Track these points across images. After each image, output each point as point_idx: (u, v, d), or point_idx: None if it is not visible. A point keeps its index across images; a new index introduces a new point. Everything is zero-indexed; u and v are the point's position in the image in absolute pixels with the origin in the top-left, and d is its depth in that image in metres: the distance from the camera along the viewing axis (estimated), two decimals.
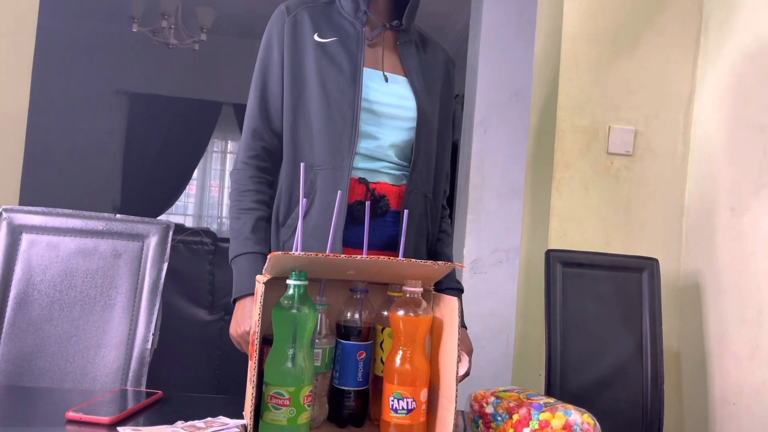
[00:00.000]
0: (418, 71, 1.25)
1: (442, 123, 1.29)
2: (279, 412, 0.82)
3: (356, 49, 1.20)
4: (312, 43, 1.20)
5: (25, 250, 1.19)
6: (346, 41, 1.21)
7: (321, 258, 0.85)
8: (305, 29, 1.21)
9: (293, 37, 1.21)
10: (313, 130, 1.17)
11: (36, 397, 1.06)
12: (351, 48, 1.20)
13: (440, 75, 1.30)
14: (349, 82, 1.17)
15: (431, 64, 1.29)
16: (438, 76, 1.29)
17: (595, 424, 0.87)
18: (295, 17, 1.22)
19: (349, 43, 1.21)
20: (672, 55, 1.99)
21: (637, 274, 1.64)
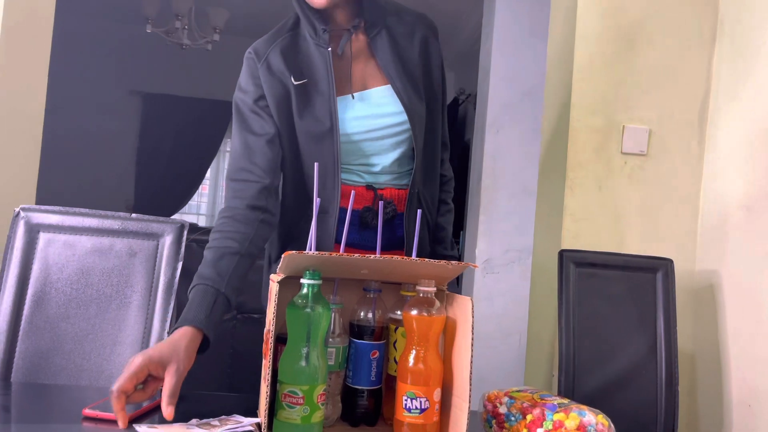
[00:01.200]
0: (398, 69, 1.20)
1: (432, 104, 1.26)
2: (293, 411, 0.83)
3: (328, 87, 1.16)
4: (291, 88, 1.16)
5: (42, 248, 1.20)
6: (317, 78, 1.17)
7: (335, 257, 0.85)
8: (281, 69, 1.17)
9: (271, 85, 1.17)
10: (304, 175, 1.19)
11: (53, 394, 1.07)
12: (322, 87, 1.16)
13: (421, 57, 1.24)
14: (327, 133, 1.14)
15: (410, 51, 1.23)
16: (419, 60, 1.24)
17: (610, 425, 0.86)
18: (267, 62, 1.18)
19: (319, 80, 1.17)
20: (687, 54, 1.97)
21: (652, 274, 1.63)
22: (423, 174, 1.23)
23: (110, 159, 5.19)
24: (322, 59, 1.17)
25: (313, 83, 1.17)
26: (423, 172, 1.23)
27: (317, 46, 1.18)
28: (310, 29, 1.18)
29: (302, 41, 1.20)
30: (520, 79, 2.43)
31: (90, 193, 4.83)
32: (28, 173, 2.20)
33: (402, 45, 1.23)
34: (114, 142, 5.21)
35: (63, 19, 2.40)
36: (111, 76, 5.15)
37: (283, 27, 1.23)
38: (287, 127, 1.18)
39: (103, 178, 5.09)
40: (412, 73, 1.22)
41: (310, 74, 1.17)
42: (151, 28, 3.96)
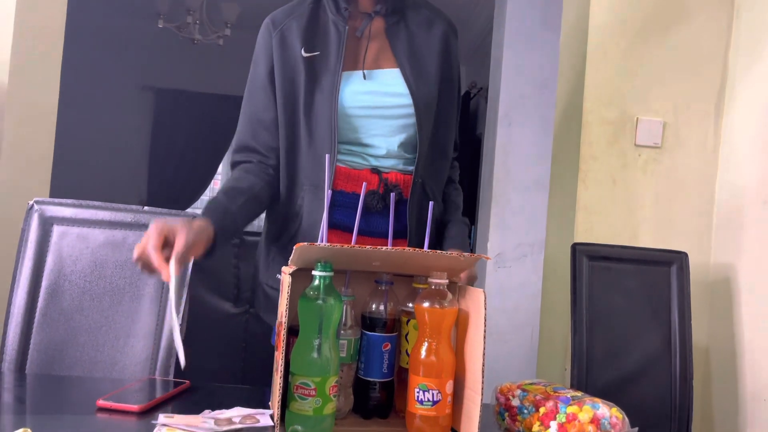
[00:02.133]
0: (411, 56, 1.22)
1: (445, 100, 1.26)
2: (305, 402, 0.83)
3: (336, 61, 1.18)
4: (301, 60, 1.19)
5: (56, 241, 1.21)
6: (328, 52, 1.19)
7: (346, 249, 0.85)
8: (293, 44, 1.20)
9: (281, 55, 1.20)
10: (301, 149, 1.19)
11: (67, 386, 1.08)
12: (331, 61, 1.19)
13: (437, 51, 1.25)
14: (326, 102, 1.16)
15: (426, 43, 1.25)
16: (434, 53, 1.25)
17: (624, 418, 0.86)
18: (282, 32, 1.21)
19: (330, 53, 1.19)
20: (702, 44, 1.94)
21: (666, 268, 1.62)
22: (428, 163, 1.22)
23: (123, 154, 5.22)
24: (337, 35, 1.20)
25: (323, 57, 1.19)
26: (428, 160, 1.22)
27: (335, 22, 1.21)
28: (332, 5, 1.21)
29: (322, 14, 1.23)
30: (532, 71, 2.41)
31: (103, 188, 4.85)
32: (42, 167, 2.22)
33: (418, 35, 1.25)
34: (127, 137, 5.24)
35: (75, 16, 2.42)
36: (123, 72, 5.17)
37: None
38: (291, 102, 1.19)
39: (116, 173, 5.12)
40: (424, 62, 1.23)
41: (323, 48, 1.20)
42: (162, 23, 3.98)
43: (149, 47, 5.08)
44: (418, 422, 0.88)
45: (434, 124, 1.24)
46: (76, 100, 4.18)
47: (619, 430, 0.84)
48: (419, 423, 0.88)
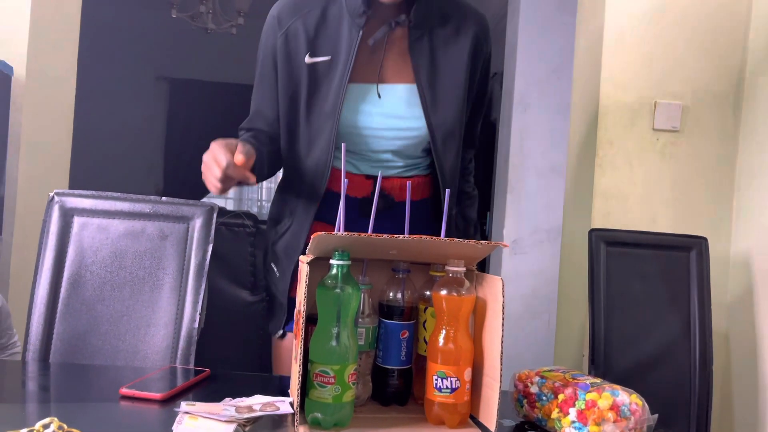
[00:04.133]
0: (433, 76, 1.13)
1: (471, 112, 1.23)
2: (324, 390, 0.83)
3: (344, 70, 1.10)
4: (304, 67, 1.12)
5: (77, 232, 1.22)
6: (337, 58, 1.11)
7: (364, 238, 0.85)
8: (298, 47, 1.12)
9: (285, 59, 1.14)
10: (300, 155, 1.18)
11: (90, 374, 1.10)
12: (338, 69, 1.10)
13: (465, 67, 1.16)
14: (327, 116, 1.12)
15: (453, 58, 1.15)
16: (462, 71, 1.16)
17: (644, 405, 0.85)
18: (287, 34, 1.13)
19: (338, 61, 1.11)
20: (721, 26, 1.91)
21: (685, 253, 1.60)
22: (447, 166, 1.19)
23: (139, 144, 5.26)
24: (349, 40, 1.11)
25: (331, 64, 1.12)
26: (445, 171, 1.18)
27: (350, 26, 1.11)
28: (350, 4, 1.11)
29: (336, 11, 1.13)
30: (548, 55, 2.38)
31: (120, 178, 4.91)
32: (61, 159, 2.24)
33: (445, 50, 1.15)
34: (143, 128, 5.28)
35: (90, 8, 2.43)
36: (138, 63, 5.20)
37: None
38: (293, 109, 1.17)
39: (132, 164, 5.17)
40: (449, 83, 1.15)
41: (333, 51, 1.12)
42: (176, 13, 3.98)
43: (163, 38, 5.10)
44: (436, 409, 0.88)
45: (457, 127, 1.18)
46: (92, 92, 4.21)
47: (639, 416, 0.84)
48: (438, 410, 0.88)
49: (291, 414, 0.85)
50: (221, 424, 0.78)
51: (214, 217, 1.26)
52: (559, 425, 0.88)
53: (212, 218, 1.26)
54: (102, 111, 4.92)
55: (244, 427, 0.80)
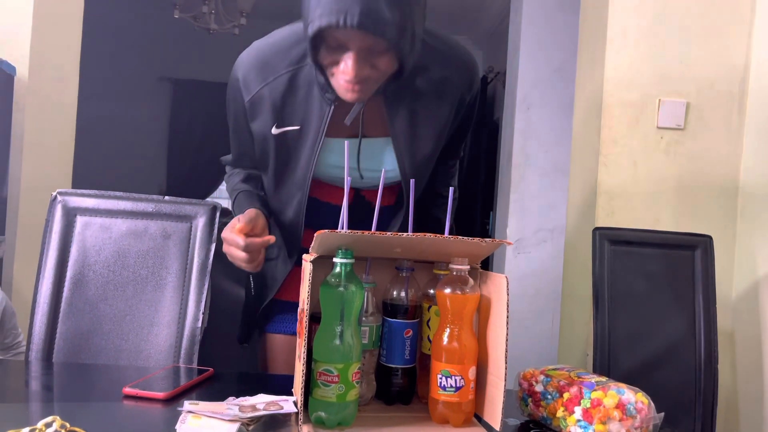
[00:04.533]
0: (410, 128, 1.08)
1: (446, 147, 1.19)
2: (328, 389, 0.83)
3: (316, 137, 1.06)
4: (271, 137, 1.09)
5: (79, 231, 1.22)
6: (308, 126, 1.06)
7: (367, 236, 0.84)
8: (265, 117, 1.08)
9: (254, 122, 1.10)
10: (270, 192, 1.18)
11: (94, 374, 1.10)
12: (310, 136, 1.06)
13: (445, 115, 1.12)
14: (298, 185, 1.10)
15: (432, 109, 1.10)
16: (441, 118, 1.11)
17: (650, 403, 0.85)
18: (252, 101, 1.08)
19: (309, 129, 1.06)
20: (726, 22, 1.90)
21: (690, 251, 1.59)
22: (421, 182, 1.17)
23: (142, 144, 5.27)
24: (320, 113, 1.06)
25: (300, 131, 1.08)
26: None
27: (321, 97, 1.06)
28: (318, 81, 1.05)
29: (305, 77, 1.06)
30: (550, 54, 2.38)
31: (123, 178, 4.91)
32: (64, 159, 2.24)
33: (423, 103, 1.10)
34: (146, 128, 5.29)
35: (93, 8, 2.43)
36: (141, 63, 5.21)
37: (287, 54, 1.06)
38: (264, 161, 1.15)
39: (135, 164, 5.17)
40: (425, 131, 1.11)
41: (302, 121, 1.07)
42: (178, 13, 3.98)
43: (166, 38, 5.11)
44: (441, 408, 0.88)
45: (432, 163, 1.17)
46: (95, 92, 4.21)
47: (645, 415, 0.84)
48: (442, 409, 0.88)
49: (294, 413, 0.85)
50: (224, 423, 0.78)
51: (216, 216, 1.25)
52: (565, 424, 0.87)
53: (215, 217, 1.25)
54: (105, 111, 4.93)
55: (247, 427, 0.80)
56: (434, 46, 1.08)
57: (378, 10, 0.88)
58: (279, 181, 1.14)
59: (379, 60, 0.96)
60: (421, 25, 0.97)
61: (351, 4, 0.87)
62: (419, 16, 0.95)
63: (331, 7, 0.88)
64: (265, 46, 1.09)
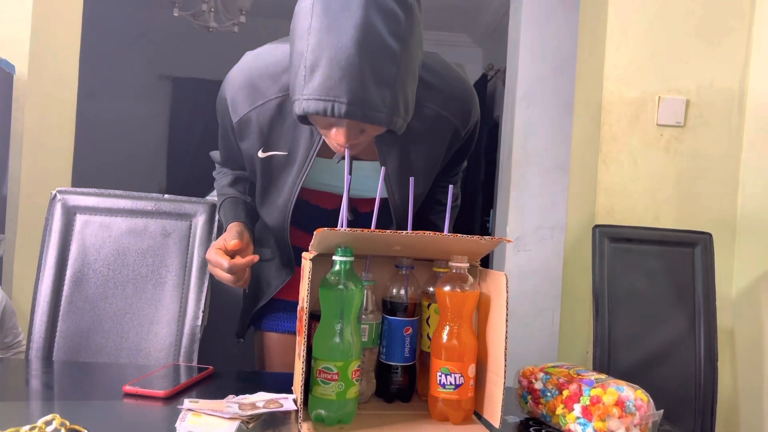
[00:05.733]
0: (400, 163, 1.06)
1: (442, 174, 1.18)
2: (328, 387, 0.83)
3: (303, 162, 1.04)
4: (257, 159, 1.07)
5: (79, 230, 1.22)
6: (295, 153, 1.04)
7: (366, 234, 0.84)
8: (251, 140, 1.06)
9: (241, 142, 1.08)
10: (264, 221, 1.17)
11: (94, 372, 1.10)
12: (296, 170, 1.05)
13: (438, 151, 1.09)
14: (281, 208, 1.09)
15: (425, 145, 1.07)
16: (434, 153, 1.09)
17: (649, 401, 0.85)
18: (240, 123, 1.05)
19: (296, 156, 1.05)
20: (726, 19, 1.90)
21: (690, 249, 1.59)
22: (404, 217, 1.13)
23: (142, 142, 5.27)
24: (309, 142, 1.04)
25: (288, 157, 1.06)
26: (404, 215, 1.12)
27: (310, 127, 1.03)
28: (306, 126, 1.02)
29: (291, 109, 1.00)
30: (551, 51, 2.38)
31: (123, 176, 4.91)
32: (63, 157, 2.24)
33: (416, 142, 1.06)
34: (145, 126, 5.29)
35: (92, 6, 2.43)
36: (140, 61, 5.20)
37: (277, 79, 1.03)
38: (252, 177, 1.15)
39: (135, 163, 5.17)
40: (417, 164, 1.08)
41: (290, 147, 1.05)
42: (178, 11, 3.98)
43: (165, 36, 5.10)
44: (440, 406, 0.88)
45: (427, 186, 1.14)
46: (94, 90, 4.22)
47: (645, 412, 0.84)
48: (442, 406, 0.88)
49: (294, 411, 0.85)
50: (224, 421, 0.78)
51: (216, 214, 1.25)
52: (564, 421, 0.87)
53: (215, 215, 1.25)
54: (104, 109, 4.93)
55: (247, 424, 0.80)
56: (429, 81, 1.03)
57: (366, 97, 0.84)
58: (264, 198, 1.12)
59: (370, 128, 0.93)
60: (413, 88, 0.93)
61: (338, 92, 0.84)
62: (411, 82, 0.91)
63: (319, 94, 0.85)
64: (255, 68, 1.06)
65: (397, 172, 1.07)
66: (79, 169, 2.41)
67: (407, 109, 0.92)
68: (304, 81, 0.86)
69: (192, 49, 5.13)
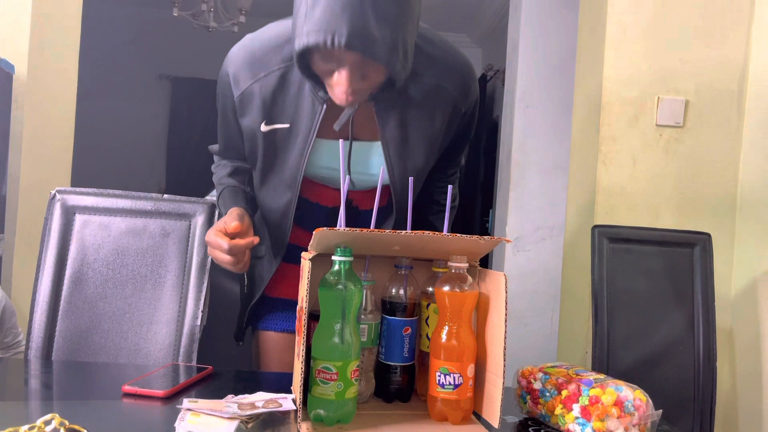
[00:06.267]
0: (401, 137, 1.07)
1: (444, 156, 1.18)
2: (327, 387, 0.83)
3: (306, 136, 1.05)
4: (259, 134, 1.07)
5: (78, 230, 1.22)
6: (298, 125, 1.05)
7: (366, 234, 0.84)
8: (253, 114, 1.07)
9: (243, 118, 1.09)
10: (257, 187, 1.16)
11: (93, 372, 1.10)
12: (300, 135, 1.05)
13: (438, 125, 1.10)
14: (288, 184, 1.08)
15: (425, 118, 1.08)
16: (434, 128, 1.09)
17: (648, 401, 0.85)
18: (242, 98, 1.07)
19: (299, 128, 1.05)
20: (725, 20, 1.90)
21: (689, 249, 1.59)
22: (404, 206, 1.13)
23: (141, 142, 5.27)
24: (311, 113, 1.05)
25: (290, 130, 1.07)
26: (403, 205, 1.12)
27: (313, 96, 1.04)
28: (309, 82, 1.03)
29: (296, 76, 1.04)
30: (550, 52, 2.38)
31: (122, 176, 4.92)
32: (63, 157, 2.24)
33: (416, 111, 1.08)
34: (145, 126, 5.29)
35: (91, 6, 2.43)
36: (140, 61, 5.20)
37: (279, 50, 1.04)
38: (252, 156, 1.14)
39: (135, 162, 5.18)
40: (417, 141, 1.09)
41: (292, 119, 1.06)
42: (177, 11, 3.98)
43: (165, 36, 5.10)
44: (439, 406, 0.88)
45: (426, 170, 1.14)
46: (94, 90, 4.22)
47: (643, 412, 0.84)
48: (441, 406, 0.88)
49: (293, 410, 0.85)
50: (224, 420, 0.78)
51: (215, 214, 1.25)
52: (563, 421, 0.88)
53: (214, 215, 1.25)
54: (104, 109, 4.93)
55: (246, 424, 0.80)
56: (429, 52, 1.05)
57: (366, 31, 0.86)
58: (266, 178, 1.12)
59: (371, 72, 0.95)
60: (413, 37, 0.95)
61: (339, 23, 0.86)
62: (411, 29, 0.94)
63: (319, 26, 0.87)
64: (257, 41, 1.08)
65: (396, 142, 1.07)
66: (78, 169, 2.41)
67: (406, 55, 0.94)
68: (305, 17, 0.88)
69: (192, 49, 5.13)
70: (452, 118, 1.12)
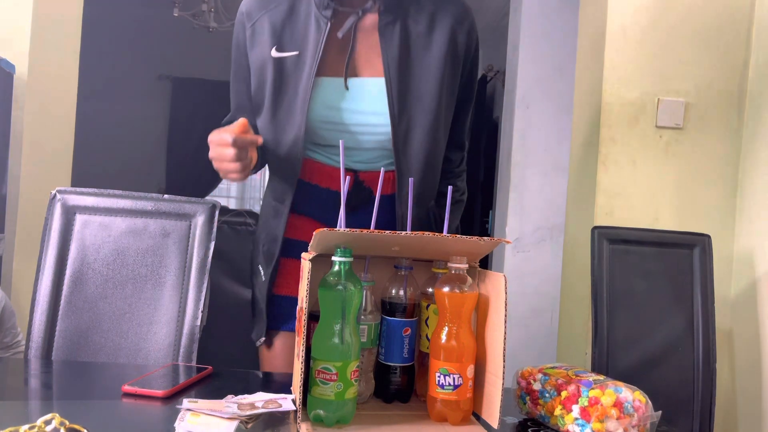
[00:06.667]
0: (402, 67, 1.09)
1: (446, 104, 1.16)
2: (327, 387, 0.83)
3: (311, 64, 1.08)
4: (270, 61, 1.11)
5: (78, 230, 1.22)
6: (305, 53, 1.09)
7: (366, 234, 0.85)
8: (264, 42, 1.12)
9: (253, 53, 1.14)
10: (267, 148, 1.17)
11: (93, 372, 1.10)
12: (306, 63, 1.09)
13: (439, 56, 1.11)
14: (297, 110, 1.09)
15: (426, 47, 1.11)
16: (436, 59, 1.11)
17: (647, 402, 0.85)
18: (254, 28, 1.13)
19: (306, 56, 1.09)
20: (725, 21, 1.90)
21: (688, 250, 1.59)
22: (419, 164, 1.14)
23: (142, 143, 5.27)
24: (317, 33, 1.09)
25: (299, 58, 1.10)
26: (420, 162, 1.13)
27: (317, 18, 1.10)
28: (315, 6, 1.10)
29: (303, 5, 1.12)
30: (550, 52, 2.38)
31: (123, 177, 4.91)
32: (63, 157, 2.25)
33: (417, 38, 1.11)
34: (145, 126, 5.29)
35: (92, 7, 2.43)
36: (140, 62, 5.20)
37: None
38: (258, 104, 1.16)
39: (135, 163, 5.17)
40: (419, 73, 1.11)
41: (300, 47, 1.11)
42: (178, 12, 3.98)
43: (165, 36, 5.10)
44: (439, 406, 0.88)
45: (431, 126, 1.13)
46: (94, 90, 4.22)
47: (643, 413, 0.84)
48: (440, 407, 0.88)
49: (293, 411, 0.85)
50: (223, 421, 0.78)
51: (216, 214, 1.26)
52: (562, 422, 0.88)
53: (214, 216, 1.26)
54: (104, 109, 4.93)
55: (246, 424, 0.80)
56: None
57: None
58: (275, 111, 1.13)
59: None
60: None
61: None
62: None
63: None
64: None
65: (397, 71, 1.09)
66: (78, 169, 2.41)
67: None
68: None
69: (192, 50, 5.14)
70: (455, 52, 1.14)
